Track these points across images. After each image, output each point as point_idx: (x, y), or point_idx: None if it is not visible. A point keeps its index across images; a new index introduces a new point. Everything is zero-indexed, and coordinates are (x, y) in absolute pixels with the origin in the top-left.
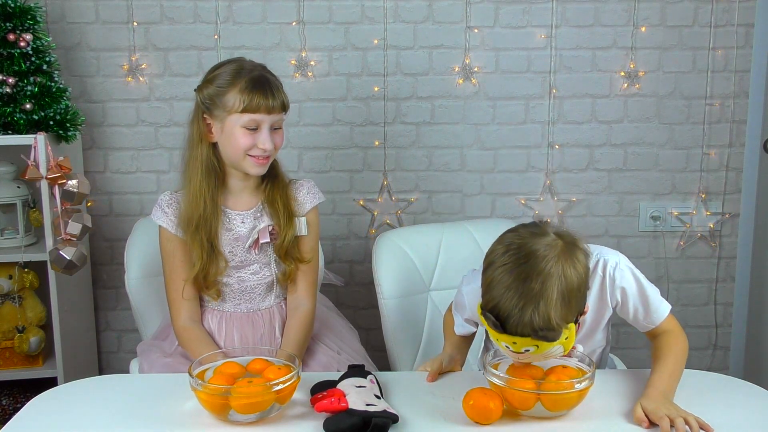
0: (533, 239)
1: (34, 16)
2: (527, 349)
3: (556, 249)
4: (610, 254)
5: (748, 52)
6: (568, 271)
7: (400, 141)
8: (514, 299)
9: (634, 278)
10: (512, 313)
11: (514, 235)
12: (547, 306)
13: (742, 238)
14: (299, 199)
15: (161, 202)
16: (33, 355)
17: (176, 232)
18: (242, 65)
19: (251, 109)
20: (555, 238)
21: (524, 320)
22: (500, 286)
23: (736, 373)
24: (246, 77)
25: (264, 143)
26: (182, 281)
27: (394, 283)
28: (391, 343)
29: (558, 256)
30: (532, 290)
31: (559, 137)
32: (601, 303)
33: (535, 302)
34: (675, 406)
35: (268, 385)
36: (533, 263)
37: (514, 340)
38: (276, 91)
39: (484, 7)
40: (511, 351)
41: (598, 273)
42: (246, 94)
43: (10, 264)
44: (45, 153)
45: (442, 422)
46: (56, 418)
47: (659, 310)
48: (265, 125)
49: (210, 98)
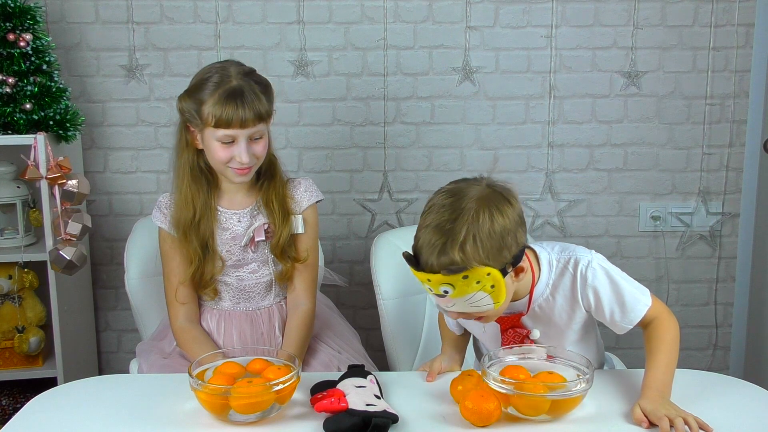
0: (465, 185)
1: (33, 16)
2: (445, 291)
3: (481, 194)
4: (582, 253)
5: (748, 52)
6: (483, 214)
7: (400, 141)
8: (427, 237)
9: (607, 277)
10: (423, 251)
11: (459, 181)
12: (453, 245)
13: (742, 238)
14: (296, 197)
15: (160, 204)
16: (33, 355)
17: (173, 233)
18: (222, 77)
19: (223, 124)
20: (485, 186)
21: (432, 257)
22: (422, 226)
23: (736, 373)
24: (219, 90)
25: (240, 156)
26: (178, 281)
27: (393, 284)
28: (390, 343)
29: (479, 200)
30: (444, 227)
31: (559, 137)
32: (573, 302)
33: (445, 238)
34: (674, 406)
35: (268, 385)
36: (455, 204)
37: (429, 277)
38: (250, 103)
39: (484, 7)
40: (434, 294)
41: (569, 270)
42: (218, 108)
43: (10, 264)
44: (45, 153)
45: (442, 422)
46: (56, 418)
47: (636, 309)
48: (241, 138)
49: (188, 110)
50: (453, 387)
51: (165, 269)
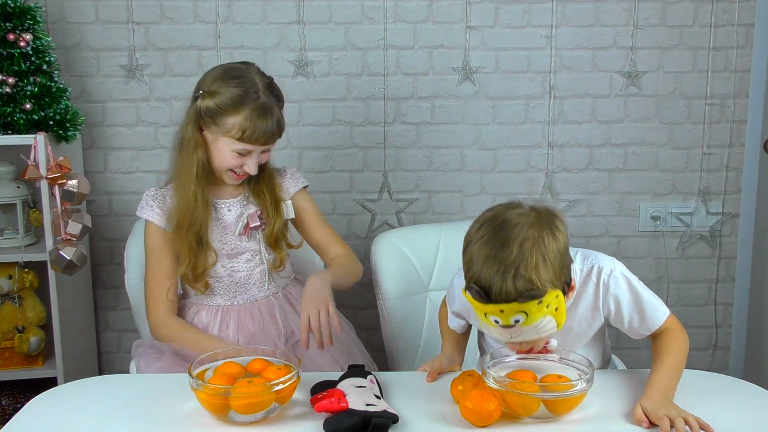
0: (506, 211)
1: (34, 16)
2: (516, 320)
3: (531, 217)
4: (605, 261)
5: (748, 52)
6: (545, 235)
7: (400, 141)
8: (494, 267)
9: (629, 287)
10: (494, 281)
11: (488, 212)
12: (527, 268)
13: (742, 238)
14: (284, 185)
15: (147, 198)
16: (33, 355)
17: (165, 226)
18: (248, 88)
19: (248, 140)
20: (529, 209)
21: (507, 285)
22: (479, 259)
23: (736, 373)
24: (250, 106)
25: (250, 168)
26: (165, 276)
27: (393, 284)
28: (390, 343)
29: (533, 223)
30: (510, 255)
31: (559, 137)
32: (594, 310)
33: (515, 266)
34: (675, 406)
35: (268, 385)
36: (508, 230)
37: (501, 308)
38: (275, 123)
39: (484, 7)
40: (501, 327)
41: (592, 280)
42: (247, 124)
43: (10, 264)
44: (45, 153)
45: (442, 422)
46: (56, 418)
47: (655, 317)
48: (255, 153)
49: (209, 112)
50: (453, 387)
51: (150, 260)
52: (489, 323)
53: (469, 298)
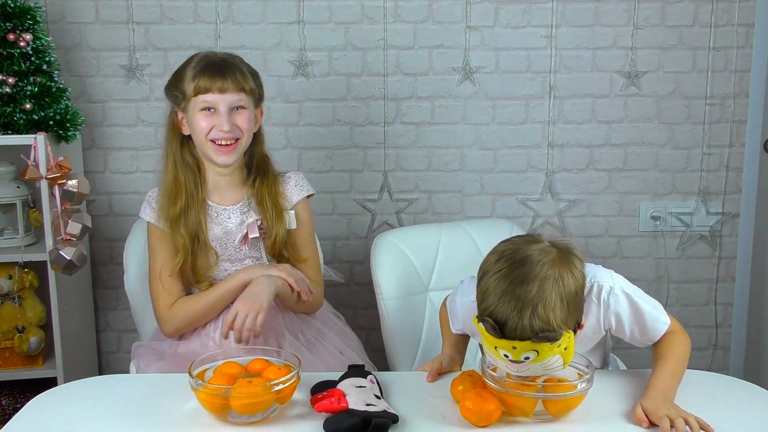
0: (526, 246)
1: (34, 16)
2: (527, 357)
3: (551, 254)
4: (604, 277)
5: (748, 52)
6: (564, 275)
7: (400, 141)
8: (511, 303)
9: (629, 302)
10: (510, 317)
11: (507, 244)
12: (545, 309)
13: (742, 238)
14: (286, 193)
15: (149, 199)
16: (33, 355)
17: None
18: (203, 54)
19: (202, 90)
20: (548, 245)
21: (523, 323)
22: (496, 292)
23: (736, 373)
24: (199, 56)
25: (221, 125)
26: (168, 274)
27: (393, 284)
28: (390, 343)
29: (553, 261)
30: (529, 293)
31: (559, 137)
32: (596, 327)
33: (532, 305)
34: (675, 407)
35: (268, 385)
36: (528, 268)
37: (514, 345)
38: (230, 71)
39: (484, 7)
40: (510, 360)
41: (593, 299)
42: (197, 76)
43: (10, 264)
44: (45, 153)
45: (442, 422)
46: (56, 418)
47: (656, 329)
48: (221, 106)
49: (172, 91)
50: (453, 387)
51: (153, 261)
52: (498, 356)
53: (482, 330)
